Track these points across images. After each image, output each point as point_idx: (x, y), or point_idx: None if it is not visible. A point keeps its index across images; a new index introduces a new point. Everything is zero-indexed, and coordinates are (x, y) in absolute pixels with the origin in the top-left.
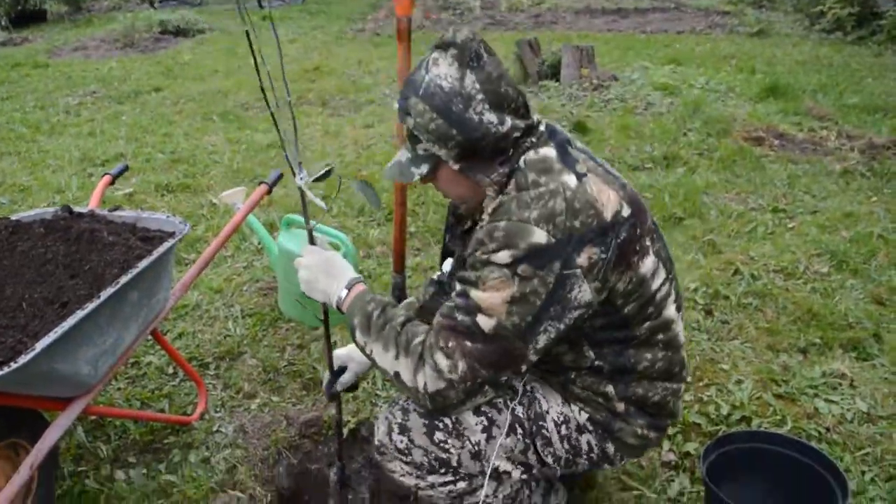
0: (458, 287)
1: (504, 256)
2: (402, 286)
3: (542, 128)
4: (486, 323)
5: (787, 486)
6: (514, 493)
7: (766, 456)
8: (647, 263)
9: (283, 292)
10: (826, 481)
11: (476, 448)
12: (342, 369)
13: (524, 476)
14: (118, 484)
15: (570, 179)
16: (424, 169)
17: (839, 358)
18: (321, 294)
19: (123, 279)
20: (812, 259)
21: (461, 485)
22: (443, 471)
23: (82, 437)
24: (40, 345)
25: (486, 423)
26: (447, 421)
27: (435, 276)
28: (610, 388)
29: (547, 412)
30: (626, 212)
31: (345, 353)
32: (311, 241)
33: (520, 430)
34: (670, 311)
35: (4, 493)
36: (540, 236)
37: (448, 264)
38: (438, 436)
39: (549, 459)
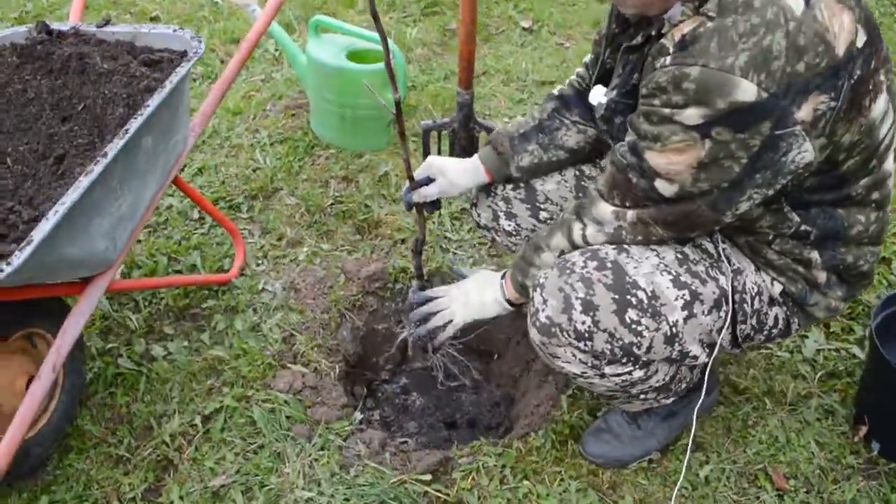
0: (630, 139)
1: (693, 116)
2: (471, 104)
3: None
4: (666, 188)
5: None
6: (673, 374)
7: None
8: (880, 104)
9: (316, 111)
10: None
11: (672, 330)
12: (429, 180)
13: (707, 359)
14: (158, 363)
15: (796, 2)
16: None
17: None
18: (489, 306)
19: (134, 123)
20: None
21: (637, 374)
22: (624, 360)
23: (106, 305)
24: (37, 234)
25: (687, 297)
26: (641, 295)
27: (556, 91)
28: (815, 255)
29: (744, 283)
30: (861, 40)
31: (439, 162)
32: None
33: (724, 306)
34: (889, 162)
35: (27, 405)
36: (747, 91)
37: (599, 94)
38: (631, 315)
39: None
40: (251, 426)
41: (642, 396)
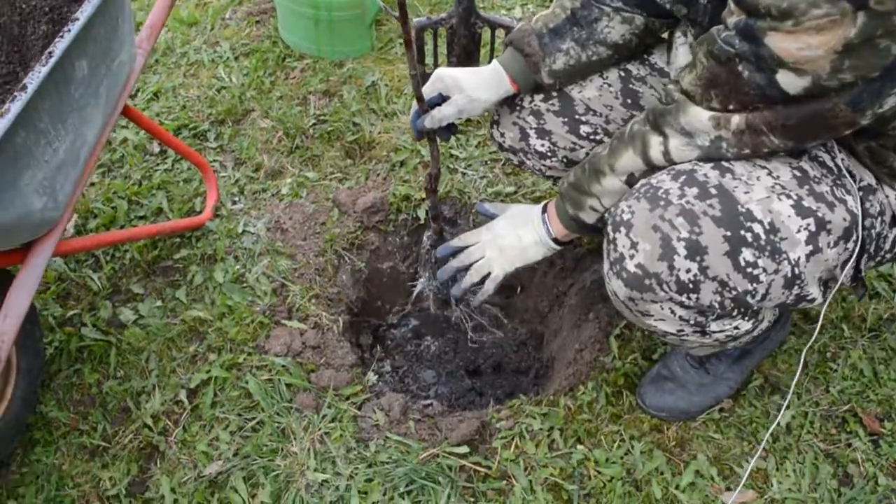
0: (737, 20)
1: None
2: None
3: None
4: (792, 83)
5: None
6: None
7: None
8: None
9: (285, 16)
10: None
11: (794, 270)
12: (441, 98)
13: (822, 301)
14: (129, 330)
15: None
16: None
17: None
18: (531, 248)
19: (60, 44)
20: None
21: (745, 326)
22: (734, 312)
23: (61, 265)
24: None
25: (813, 227)
26: (757, 228)
27: None
28: None
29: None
30: None
31: (452, 74)
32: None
33: (853, 234)
34: None
35: None
36: None
37: None
38: (746, 256)
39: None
40: (247, 399)
41: (732, 345)
